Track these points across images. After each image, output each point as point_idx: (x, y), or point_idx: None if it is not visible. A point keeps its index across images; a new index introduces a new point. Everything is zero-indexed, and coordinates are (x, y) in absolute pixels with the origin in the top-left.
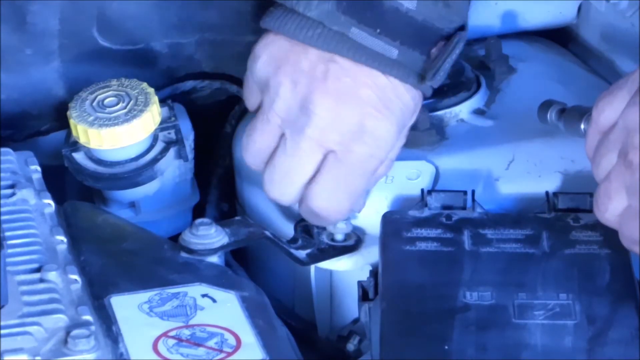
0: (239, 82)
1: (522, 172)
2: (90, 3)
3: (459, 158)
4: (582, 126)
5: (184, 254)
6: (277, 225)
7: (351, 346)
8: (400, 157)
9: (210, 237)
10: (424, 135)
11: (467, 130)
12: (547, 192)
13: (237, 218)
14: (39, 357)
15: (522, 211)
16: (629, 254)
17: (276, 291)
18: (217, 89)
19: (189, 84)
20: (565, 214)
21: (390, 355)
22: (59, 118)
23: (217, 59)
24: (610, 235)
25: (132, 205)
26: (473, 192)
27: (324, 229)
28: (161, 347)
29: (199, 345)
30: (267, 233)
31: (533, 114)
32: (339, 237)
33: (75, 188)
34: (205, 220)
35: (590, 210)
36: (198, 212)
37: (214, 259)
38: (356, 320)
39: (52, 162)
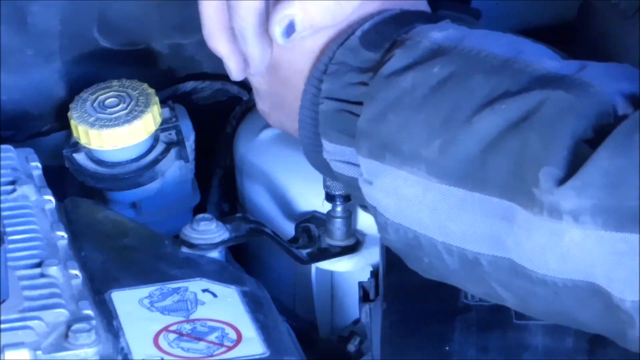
0: (240, 83)
1: None
2: (91, 4)
3: None
4: None
5: (184, 249)
6: (278, 225)
7: (352, 347)
8: None
9: (211, 232)
10: None
11: None
12: None
13: (238, 215)
14: (39, 352)
15: None
16: None
17: (277, 292)
18: (218, 89)
19: (190, 85)
20: None
21: (391, 356)
22: (60, 119)
23: (217, 59)
24: None
25: (133, 206)
26: None
27: (325, 229)
28: (162, 342)
29: (199, 339)
30: (268, 230)
31: None
32: (340, 237)
33: (76, 189)
34: (206, 215)
35: None
36: (199, 212)
37: (215, 254)
38: (357, 321)
39: (53, 163)
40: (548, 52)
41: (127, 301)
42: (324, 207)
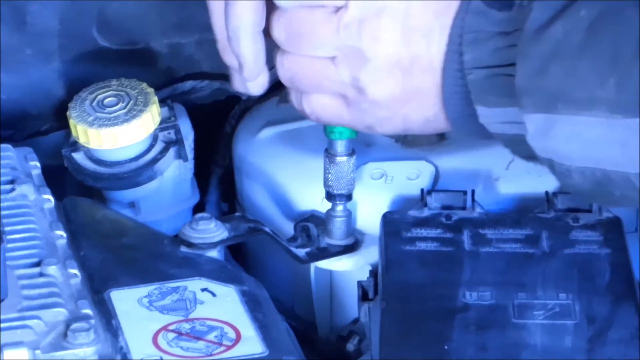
0: None
1: (522, 172)
2: (90, 3)
3: (459, 158)
4: None
5: (183, 248)
6: (277, 225)
7: (351, 346)
8: (400, 157)
9: (210, 231)
10: (424, 135)
11: None
12: (546, 192)
13: (237, 214)
14: (38, 351)
15: (522, 211)
16: (629, 254)
17: (276, 292)
18: (217, 89)
19: (189, 84)
20: (565, 214)
21: (390, 355)
22: (59, 118)
23: (217, 59)
24: (610, 235)
25: (132, 205)
26: (473, 192)
27: (324, 229)
28: (161, 341)
29: (198, 338)
30: (267, 229)
31: None
32: (339, 237)
33: (75, 188)
34: (205, 215)
35: (590, 210)
36: (198, 212)
37: (214, 253)
38: (356, 320)
39: (52, 162)
40: None
41: (126, 300)
42: (323, 206)
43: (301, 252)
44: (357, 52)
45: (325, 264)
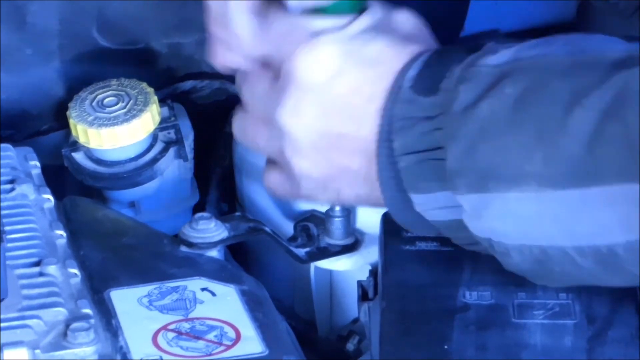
0: None
1: None
2: (90, 3)
3: None
4: None
5: (183, 248)
6: (277, 224)
7: (351, 346)
8: None
9: (209, 231)
10: None
11: None
12: None
13: (237, 214)
14: (38, 350)
15: None
16: None
17: (276, 291)
18: (217, 88)
19: (189, 84)
20: None
21: (390, 355)
22: (59, 118)
23: None
24: None
25: (132, 205)
26: None
27: (324, 228)
28: (161, 340)
29: (198, 338)
30: (267, 229)
31: None
32: (339, 236)
33: (75, 188)
34: (205, 214)
35: None
36: (198, 211)
37: (214, 253)
38: (356, 320)
39: (52, 162)
40: (607, 38)
41: (126, 300)
42: (323, 206)
43: (301, 251)
44: (279, 124)
45: (325, 263)
